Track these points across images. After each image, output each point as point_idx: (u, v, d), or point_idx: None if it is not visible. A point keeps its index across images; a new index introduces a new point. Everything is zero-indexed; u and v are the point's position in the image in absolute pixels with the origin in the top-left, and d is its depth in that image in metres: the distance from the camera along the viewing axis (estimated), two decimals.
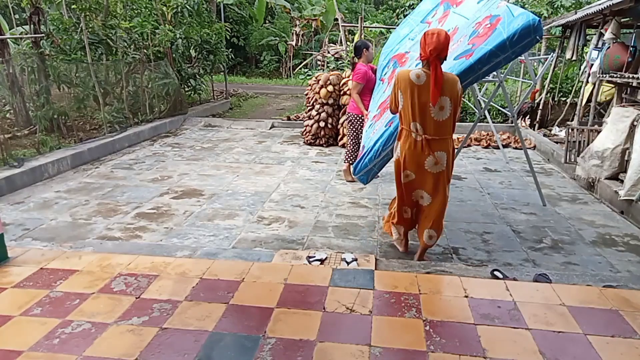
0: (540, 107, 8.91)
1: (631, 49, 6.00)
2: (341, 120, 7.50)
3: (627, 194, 4.51)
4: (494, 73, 5.71)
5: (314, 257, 3.45)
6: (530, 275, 3.29)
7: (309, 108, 7.80)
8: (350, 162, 5.78)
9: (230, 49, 13.62)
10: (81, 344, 2.41)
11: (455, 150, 3.65)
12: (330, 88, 7.41)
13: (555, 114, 8.93)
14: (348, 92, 7.27)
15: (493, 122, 8.25)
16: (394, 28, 8.15)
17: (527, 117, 9.12)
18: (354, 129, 5.64)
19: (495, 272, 3.27)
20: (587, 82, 7.38)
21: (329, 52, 16.55)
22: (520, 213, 4.66)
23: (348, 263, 3.37)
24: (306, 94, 7.94)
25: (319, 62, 17.43)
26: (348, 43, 13.52)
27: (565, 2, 13.26)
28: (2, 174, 5.10)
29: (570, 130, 6.16)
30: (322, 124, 7.48)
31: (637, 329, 2.60)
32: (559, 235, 4.11)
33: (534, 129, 8.70)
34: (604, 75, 6.34)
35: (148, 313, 2.69)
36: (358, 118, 5.57)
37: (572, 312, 2.75)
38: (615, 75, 6.03)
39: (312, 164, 6.46)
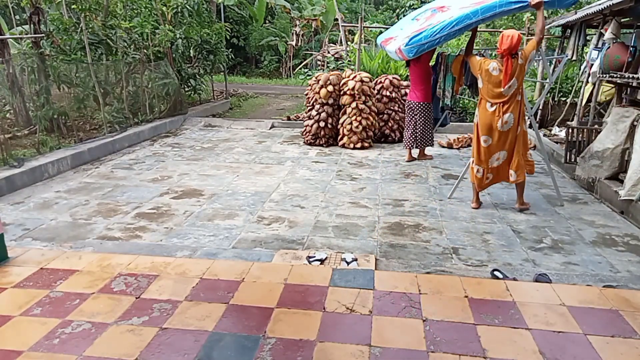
0: (540, 107, 8.90)
1: (631, 49, 5.99)
2: (341, 120, 7.50)
3: (627, 194, 4.51)
4: None
5: (314, 257, 3.45)
6: (530, 275, 3.29)
7: (309, 108, 7.80)
8: (409, 146, 6.61)
9: (230, 49, 13.62)
10: (81, 344, 2.41)
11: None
12: (330, 88, 7.40)
13: (555, 114, 8.91)
14: (348, 92, 7.28)
15: None
16: None
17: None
18: (411, 115, 6.40)
19: (495, 272, 3.27)
20: (587, 82, 7.38)
21: (329, 52, 16.54)
22: (521, 213, 4.66)
23: (348, 263, 3.38)
24: (306, 94, 7.93)
25: (319, 62, 17.42)
26: (348, 43, 13.51)
27: None
28: (2, 174, 5.10)
29: (570, 130, 6.16)
30: (322, 124, 7.47)
31: (637, 329, 2.60)
32: (559, 235, 4.11)
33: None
34: (604, 75, 6.33)
35: (148, 313, 2.69)
36: (416, 105, 6.31)
37: (572, 312, 2.76)
38: (615, 75, 6.02)
39: (312, 164, 6.46)
